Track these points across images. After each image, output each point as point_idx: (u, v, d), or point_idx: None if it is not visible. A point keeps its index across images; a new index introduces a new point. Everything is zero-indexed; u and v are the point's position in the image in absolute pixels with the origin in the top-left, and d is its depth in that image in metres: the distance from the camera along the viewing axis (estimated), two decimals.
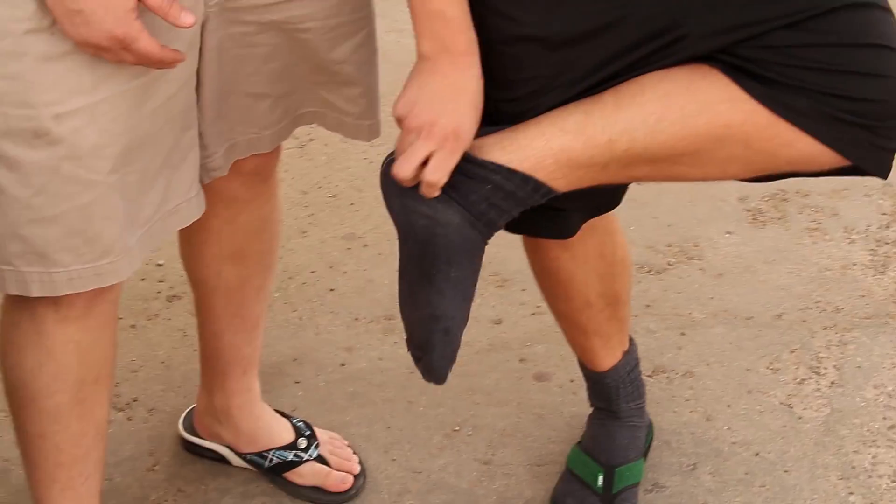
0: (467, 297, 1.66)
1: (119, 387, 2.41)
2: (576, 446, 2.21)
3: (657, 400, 2.36)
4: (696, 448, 2.27)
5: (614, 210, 1.94)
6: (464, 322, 1.67)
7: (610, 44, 1.59)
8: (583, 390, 2.37)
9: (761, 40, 1.53)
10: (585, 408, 2.31)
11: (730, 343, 2.50)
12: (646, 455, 2.23)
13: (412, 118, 1.62)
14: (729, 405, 2.36)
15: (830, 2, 1.55)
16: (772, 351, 2.47)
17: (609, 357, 2.12)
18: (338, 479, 2.19)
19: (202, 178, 1.85)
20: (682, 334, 2.53)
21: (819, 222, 2.81)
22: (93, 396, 1.83)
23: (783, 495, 2.17)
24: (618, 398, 2.17)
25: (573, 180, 1.63)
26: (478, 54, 1.61)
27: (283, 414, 2.27)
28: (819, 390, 2.38)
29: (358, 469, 2.22)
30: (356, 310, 2.61)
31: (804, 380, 2.40)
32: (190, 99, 1.72)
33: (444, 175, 1.61)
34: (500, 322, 2.57)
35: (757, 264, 2.70)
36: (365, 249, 2.77)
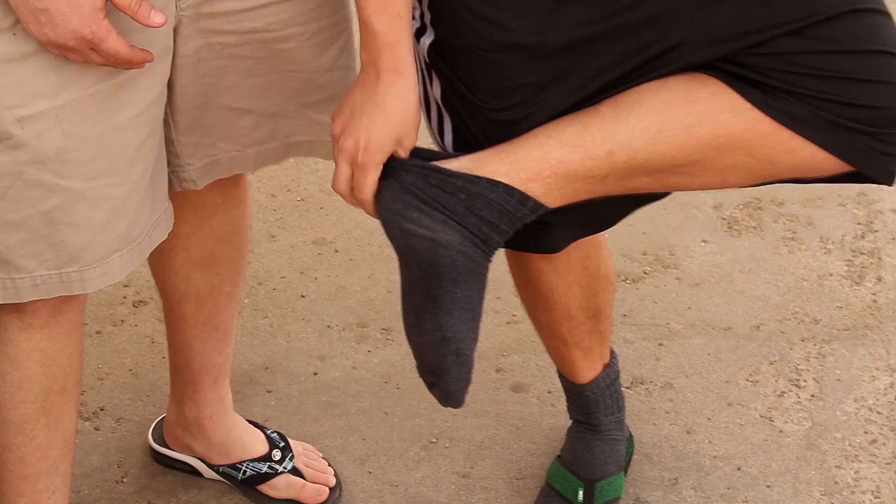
0: (475, 317, 1.62)
1: (85, 395, 2.35)
2: (555, 460, 2.17)
3: (636, 412, 2.33)
4: (677, 462, 2.24)
5: None
6: (474, 342, 1.63)
7: (605, 53, 1.55)
8: (561, 402, 2.33)
9: (762, 48, 1.51)
10: (564, 420, 2.27)
11: (708, 354, 2.47)
12: (626, 469, 2.20)
13: (332, 126, 1.63)
14: (709, 418, 2.33)
15: (831, 8, 1.53)
16: (751, 363, 2.45)
17: (589, 369, 2.08)
18: (313, 492, 2.14)
19: (174, 187, 1.80)
20: (661, 345, 2.49)
21: (794, 231, 2.79)
22: (59, 407, 1.78)
23: None
24: (597, 411, 2.13)
25: (570, 192, 1.59)
26: (408, 73, 1.57)
27: (255, 424, 2.21)
28: (799, 403, 2.35)
29: (333, 482, 2.17)
30: (328, 317, 2.56)
31: (784, 392, 2.38)
32: (162, 110, 1.68)
33: (365, 192, 1.61)
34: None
35: (734, 274, 2.67)
36: (336, 255, 2.72)
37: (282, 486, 2.14)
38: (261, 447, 2.16)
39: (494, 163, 1.58)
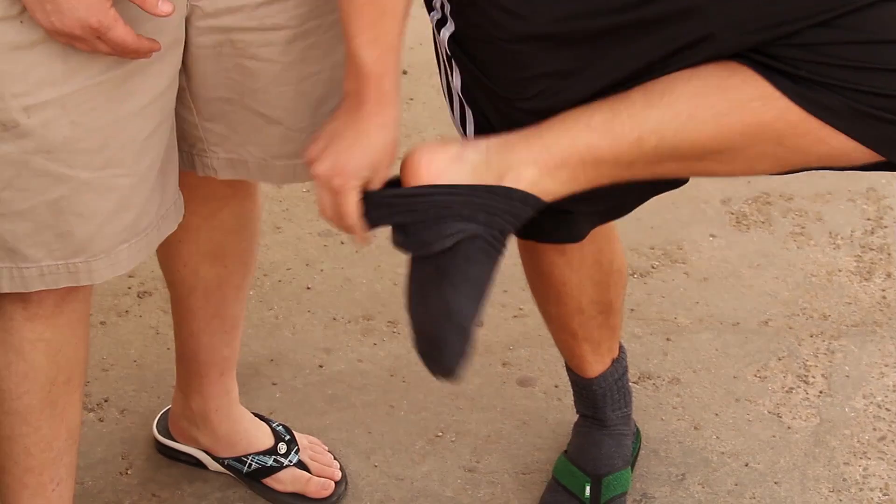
0: (482, 297, 1.60)
1: (89, 386, 2.34)
2: (562, 455, 2.16)
3: (644, 407, 2.31)
4: (684, 458, 2.23)
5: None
6: (476, 321, 1.61)
7: (630, 44, 1.53)
8: (567, 396, 2.32)
9: (792, 39, 1.49)
10: (570, 414, 2.26)
11: (716, 349, 2.46)
12: (633, 464, 2.19)
13: (308, 153, 1.62)
14: (717, 413, 2.31)
15: None
16: (759, 358, 2.43)
17: (598, 364, 2.07)
18: (318, 486, 2.13)
19: (196, 171, 1.79)
20: (668, 340, 2.48)
21: (803, 227, 2.77)
22: (64, 398, 1.78)
23: None
24: (604, 406, 2.12)
25: (595, 178, 1.58)
26: (392, 104, 1.55)
27: (261, 417, 2.20)
28: (808, 399, 2.34)
29: (339, 475, 2.16)
30: (334, 309, 2.54)
31: (792, 388, 2.36)
32: (173, 101, 1.67)
33: (348, 217, 1.58)
34: (481, 324, 2.50)
35: (742, 269, 2.66)
36: (342, 247, 2.70)
37: (287, 480, 2.13)
38: (266, 440, 2.15)
39: (522, 149, 1.56)
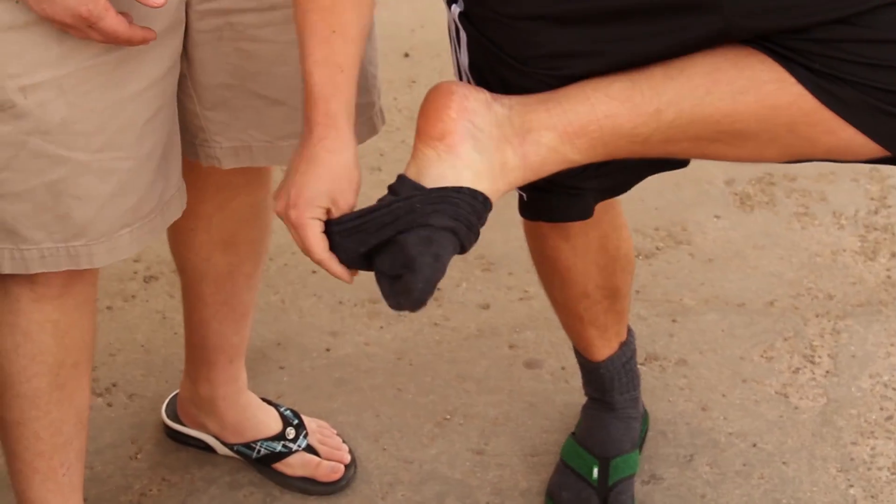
0: (457, 248, 1.54)
1: (97, 371, 2.34)
2: (570, 438, 2.16)
3: (651, 389, 2.32)
4: (692, 439, 2.23)
5: (620, 201, 1.89)
6: (449, 259, 1.53)
7: (640, 27, 1.52)
8: (574, 378, 2.32)
9: (808, 33, 1.49)
10: (578, 396, 2.26)
11: (722, 330, 2.46)
12: (641, 446, 2.19)
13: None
14: (724, 394, 2.32)
15: None
16: (765, 339, 2.43)
17: (605, 347, 2.07)
18: (328, 469, 2.14)
19: (200, 161, 1.78)
20: (674, 321, 2.48)
21: (807, 207, 2.77)
22: (72, 381, 1.78)
23: (783, 488, 2.14)
24: (612, 389, 2.12)
25: (612, 150, 1.57)
26: (341, 127, 1.50)
27: (269, 402, 2.21)
28: (814, 380, 2.34)
29: (348, 458, 2.16)
30: (340, 293, 2.54)
31: (798, 369, 2.37)
32: (175, 85, 1.67)
33: (313, 252, 1.54)
34: (487, 307, 2.51)
35: (747, 249, 2.66)
36: None
37: (297, 464, 2.14)
38: (274, 426, 2.15)
39: (541, 111, 1.55)
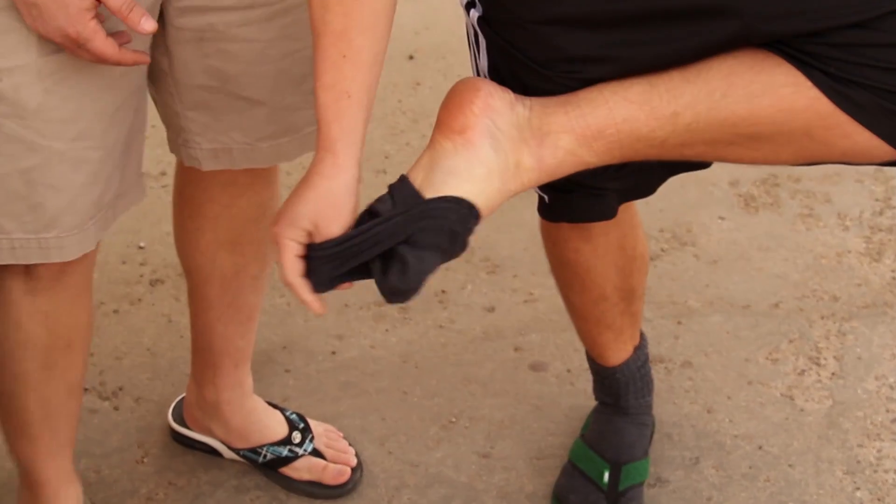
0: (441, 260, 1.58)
1: (104, 375, 2.35)
2: (579, 440, 2.16)
3: (656, 391, 2.31)
4: (698, 441, 2.23)
5: (634, 202, 1.90)
6: (433, 270, 1.59)
7: (660, 31, 1.52)
8: (580, 380, 2.33)
9: (825, 38, 1.48)
10: (583, 399, 2.27)
11: (727, 332, 2.46)
12: (647, 450, 2.19)
13: None
14: (729, 397, 2.32)
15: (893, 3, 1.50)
16: (770, 341, 2.44)
17: (620, 352, 2.07)
18: (335, 473, 2.14)
19: (184, 161, 1.82)
20: (679, 323, 2.48)
21: (812, 208, 2.78)
22: (63, 361, 1.82)
23: (789, 490, 2.14)
24: (626, 394, 2.12)
25: (629, 153, 1.57)
26: (339, 153, 1.50)
27: (275, 406, 2.21)
28: (820, 382, 2.35)
29: (355, 462, 2.16)
30: (345, 296, 2.54)
31: (804, 371, 2.37)
32: (143, 77, 1.69)
33: (283, 272, 1.52)
34: (493, 310, 2.52)
35: (751, 251, 2.66)
36: None
37: (303, 468, 2.14)
38: (280, 430, 2.16)
39: (560, 114, 1.55)
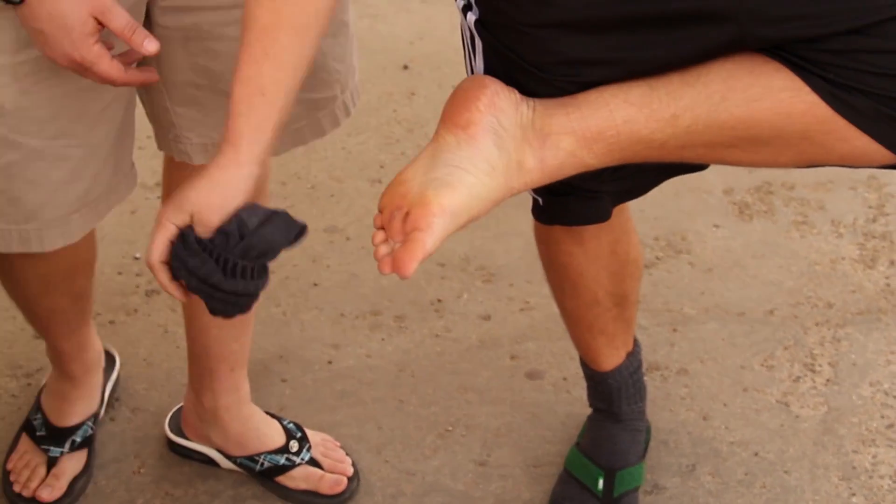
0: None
1: None
2: (574, 448, 2.17)
3: (652, 398, 2.32)
4: (694, 448, 2.24)
5: (629, 206, 1.90)
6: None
7: (657, 35, 1.52)
8: (576, 388, 2.33)
9: (823, 44, 1.49)
10: (580, 407, 2.27)
11: (723, 339, 2.47)
12: (643, 456, 2.19)
13: None
14: (725, 403, 2.32)
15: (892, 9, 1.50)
16: (765, 348, 2.44)
17: (613, 357, 2.08)
18: (331, 482, 2.14)
19: (174, 156, 1.85)
20: (675, 330, 2.49)
21: (806, 216, 2.78)
22: (63, 285, 1.96)
23: (785, 496, 2.14)
24: (619, 400, 2.13)
25: (628, 155, 1.57)
26: (240, 147, 1.47)
27: (272, 415, 2.21)
28: (815, 388, 2.35)
29: (351, 471, 2.17)
30: (341, 305, 2.55)
31: (799, 377, 2.37)
32: None
33: (150, 253, 1.50)
34: (488, 318, 2.52)
35: (746, 258, 2.67)
36: (348, 243, 2.71)
37: (300, 477, 2.14)
38: (278, 439, 2.16)
39: (561, 115, 1.55)
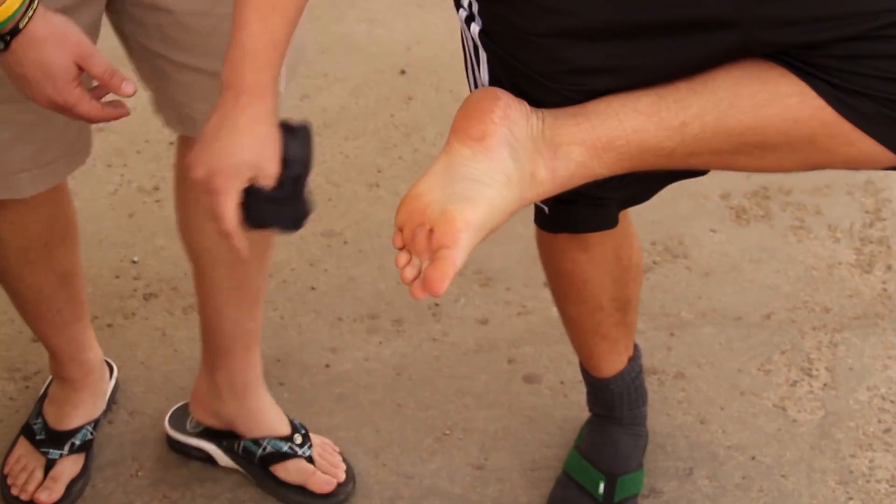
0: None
1: None
2: (574, 451, 2.17)
3: (650, 402, 2.31)
4: (691, 452, 2.24)
5: (630, 211, 1.91)
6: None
7: (665, 43, 1.53)
8: (574, 392, 2.34)
9: (828, 49, 1.49)
10: (577, 411, 2.28)
11: (720, 344, 2.47)
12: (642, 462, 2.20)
13: (188, 159, 1.57)
14: (722, 407, 2.33)
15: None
16: (762, 352, 2.45)
17: (615, 363, 2.08)
18: (321, 481, 2.17)
19: (175, 127, 1.91)
20: (672, 335, 2.49)
21: (803, 220, 2.79)
22: (43, 259, 2.01)
23: (782, 501, 2.15)
24: (621, 405, 2.13)
25: (636, 164, 1.58)
26: (269, 97, 1.52)
27: None
28: (812, 392, 2.36)
29: (343, 477, 2.18)
30: (339, 309, 2.55)
31: (796, 382, 2.38)
32: (94, 18, 1.76)
33: (225, 221, 1.53)
34: (486, 322, 2.52)
35: (743, 263, 2.67)
36: (345, 246, 2.72)
37: (293, 470, 2.17)
38: (284, 428, 2.20)
39: (571, 126, 1.55)
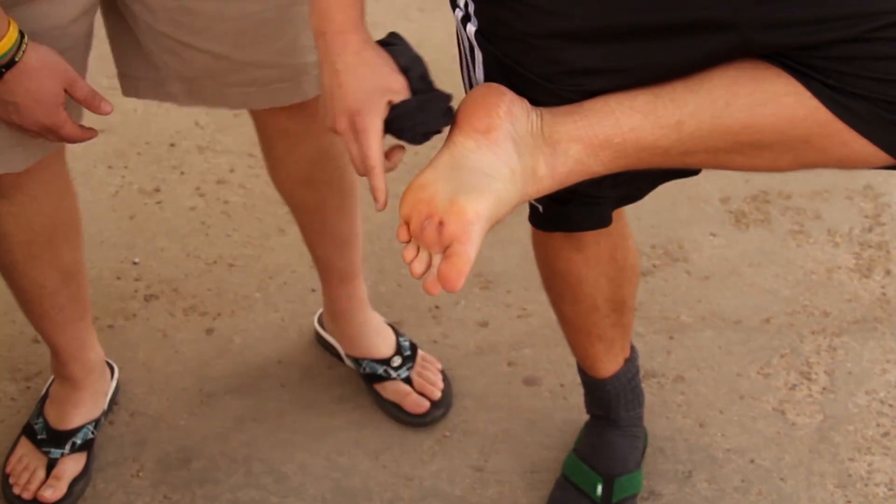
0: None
1: None
2: (572, 453, 2.17)
3: (649, 405, 2.33)
4: (690, 455, 2.25)
5: (625, 212, 1.91)
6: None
7: (661, 44, 1.54)
8: (573, 395, 2.34)
9: (823, 51, 1.50)
10: (576, 413, 2.28)
11: (719, 347, 2.48)
12: (641, 462, 2.20)
13: (322, 121, 1.59)
14: (721, 411, 2.34)
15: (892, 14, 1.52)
16: (762, 356, 2.45)
17: (611, 364, 2.09)
18: (414, 402, 2.30)
19: (160, 97, 1.94)
20: (671, 338, 2.50)
21: (802, 224, 2.80)
22: (47, 253, 2.01)
23: None
24: (617, 406, 2.14)
25: (633, 162, 1.59)
26: (359, 30, 1.54)
27: (394, 329, 2.38)
28: (811, 396, 2.36)
29: (438, 395, 2.31)
30: None
31: (795, 385, 2.39)
32: (90, 26, 1.80)
33: (372, 159, 1.55)
34: (486, 325, 2.53)
35: (742, 267, 2.68)
36: None
37: (390, 390, 2.32)
38: (385, 350, 2.34)
39: (568, 123, 1.56)
